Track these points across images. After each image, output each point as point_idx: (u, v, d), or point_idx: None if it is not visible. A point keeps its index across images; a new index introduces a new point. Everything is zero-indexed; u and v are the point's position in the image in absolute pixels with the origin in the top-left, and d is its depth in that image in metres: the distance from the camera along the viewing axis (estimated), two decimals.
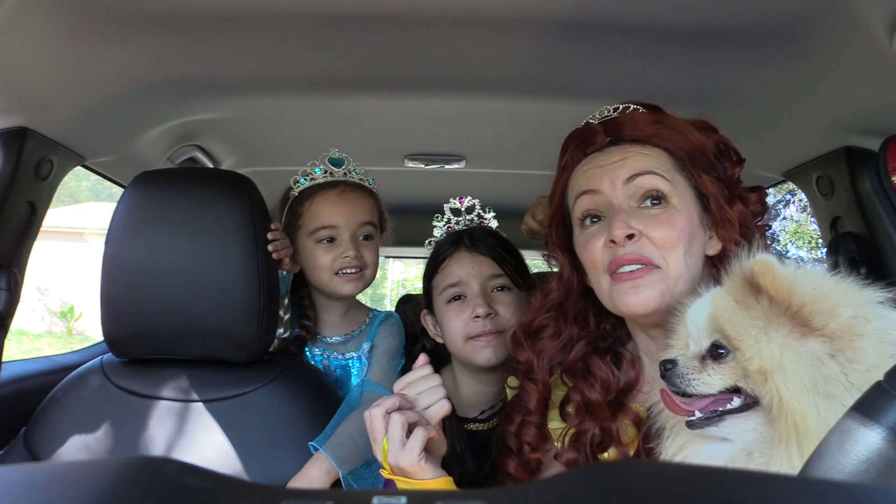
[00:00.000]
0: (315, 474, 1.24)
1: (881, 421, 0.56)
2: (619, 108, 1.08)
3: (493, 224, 1.52)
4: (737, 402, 0.79)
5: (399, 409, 1.03)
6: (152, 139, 1.77)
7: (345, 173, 1.58)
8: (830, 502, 0.33)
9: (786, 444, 0.73)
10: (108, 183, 1.85)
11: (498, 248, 1.43)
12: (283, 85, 1.62)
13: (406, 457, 1.00)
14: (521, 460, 1.12)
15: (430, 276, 1.48)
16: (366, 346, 1.57)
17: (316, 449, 1.27)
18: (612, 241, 0.97)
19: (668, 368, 0.83)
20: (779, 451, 0.74)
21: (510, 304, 1.40)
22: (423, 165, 2.18)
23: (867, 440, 0.56)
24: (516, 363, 1.16)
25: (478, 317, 1.36)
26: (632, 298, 0.96)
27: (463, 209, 1.52)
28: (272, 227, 1.38)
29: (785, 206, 12.35)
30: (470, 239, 1.44)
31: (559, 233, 1.12)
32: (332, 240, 1.53)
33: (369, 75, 1.57)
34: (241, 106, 1.74)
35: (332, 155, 1.58)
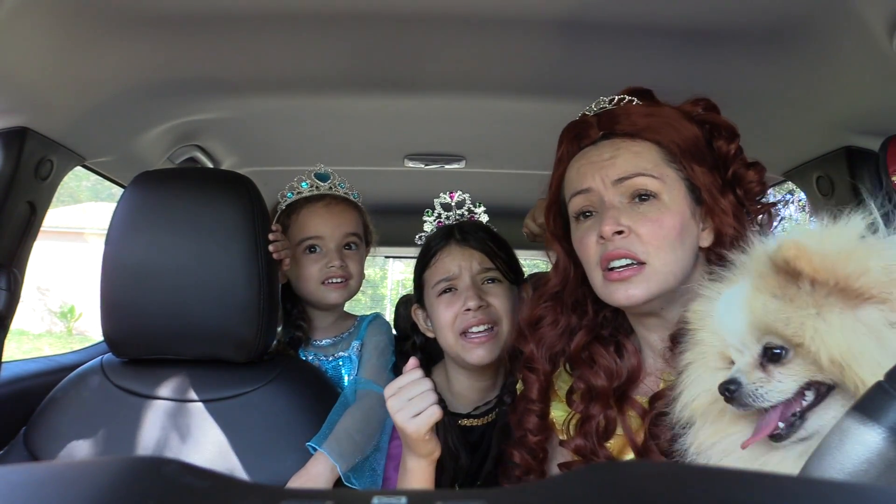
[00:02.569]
0: (319, 470, 1.25)
1: (881, 421, 0.56)
2: (614, 99, 1.09)
3: (484, 219, 1.52)
4: (810, 395, 0.73)
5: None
6: (152, 139, 1.77)
7: (330, 187, 1.62)
8: (830, 502, 0.33)
9: None
10: (108, 183, 1.85)
11: (489, 242, 1.44)
12: (283, 85, 1.62)
13: (413, 425, 1.10)
14: (526, 448, 1.14)
15: (421, 270, 1.48)
16: (355, 344, 1.59)
17: (315, 449, 1.27)
18: (602, 237, 1.00)
19: (732, 391, 0.75)
20: None
21: (501, 296, 1.40)
22: (423, 165, 2.18)
23: (867, 440, 0.56)
24: (525, 359, 1.18)
25: (468, 309, 1.36)
26: (620, 294, 1.01)
27: (453, 204, 1.52)
28: (273, 227, 1.39)
29: (785, 206, 12.36)
30: (461, 233, 1.44)
31: (556, 223, 1.15)
32: (317, 249, 1.57)
33: (369, 75, 1.57)
34: (241, 106, 1.74)
35: (318, 170, 1.63)
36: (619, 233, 0.99)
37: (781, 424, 0.74)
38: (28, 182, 1.42)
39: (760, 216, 1.08)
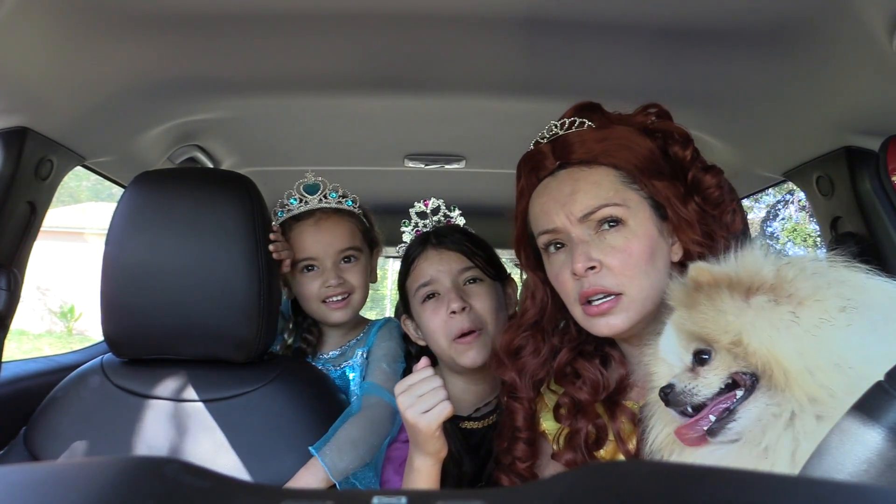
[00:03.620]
0: (308, 481, 1.23)
1: (881, 421, 0.56)
2: (565, 123, 1.09)
3: (461, 222, 1.52)
4: (740, 392, 0.82)
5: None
6: (152, 139, 1.77)
7: (320, 199, 1.55)
8: (830, 502, 0.33)
9: (788, 390, 0.76)
10: (108, 183, 1.85)
11: (466, 242, 1.44)
12: (283, 85, 1.62)
13: (424, 420, 1.09)
14: (515, 473, 1.14)
15: (403, 279, 1.48)
16: (360, 352, 1.55)
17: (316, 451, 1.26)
18: (575, 274, 1.01)
19: (667, 393, 0.85)
20: (788, 401, 0.77)
21: (484, 295, 1.40)
22: (423, 165, 2.18)
23: (867, 440, 0.56)
24: (502, 383, 1.18)
25: (454, 312, 1.35)
26: (602, 327, 1.02)
27: (428, 211, 1.52)
28: (273, 227, 1.38)
29: (785, 206, 12.36)
30: (436, 237, 1.45)
31: (527, 254, 1.15)
32: (315, 268, 1.53)
33: (369, 75, 1.57)
34: (241, 106, 1.74)
35: (307, 181, 1.57)
36: (592, 268, 1.00)
37: (713, 417, 0.82)
38: (28, 182, 1.42)
39: (728, 216, 1.07)
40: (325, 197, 1.56)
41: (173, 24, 1.29)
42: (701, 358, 0.84)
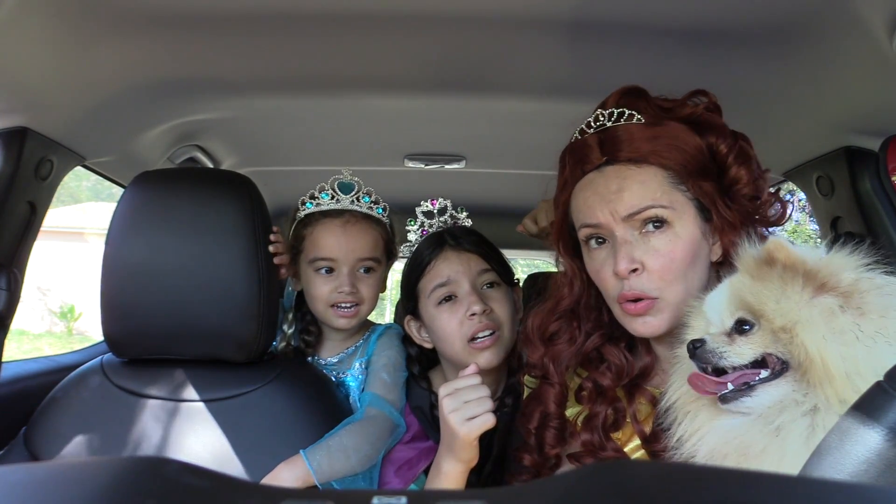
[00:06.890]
0: (285, 477, 1.21)
1: (881, 421, 0.56)
2: (614, 114, 1.06)
3: (468, 223, 1.51)
4: (765, 373, 0.82)
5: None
6: (152, 139, 1.77)
7: (352, 200, 1.50)
8: (830, 502, 0.33)
9: (821, 388, 0.77)
10: (108, 183, 1.85)
11: (482, 244, 1.43)
12: (283, 85, 1.62)
13: (466, 427, 1.08)
14: (541, 456, 1.13)
15: (414, 279, 1.45)
16: (357, 363, 1.52)
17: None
18: (617, 274, 1.01)
19: (697, 346, 0.85)
20: (815, 396, 0.78)
21: (502, 300, 1.39)
22: (423, 165, 2.18)
23: (867, 440, 0.56)
24: (530, 365, 1.17)
25: (474, 314, 1.34)
26: (640, 326, 1.02)
27: (435, 211, 1.50)
28: (273, 228, 1.38)
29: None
30: (453, 237, 1.42)
31: (566, 242, 1.14)
32: (330, 270, 1.49)
33: (369, 75, 1.57)
34: (241, 106, 1.74)
35: (342, 179, 1.52)
36: (634, 270, 0.99)
37: (731, 386, 0.83)
38: (28, 182, 1.42)
39: (770, 211, 1.07)
40: (357, 199, 1.51)
41: (173, 24, 1.30)
42: (742, 328, 0.84)
